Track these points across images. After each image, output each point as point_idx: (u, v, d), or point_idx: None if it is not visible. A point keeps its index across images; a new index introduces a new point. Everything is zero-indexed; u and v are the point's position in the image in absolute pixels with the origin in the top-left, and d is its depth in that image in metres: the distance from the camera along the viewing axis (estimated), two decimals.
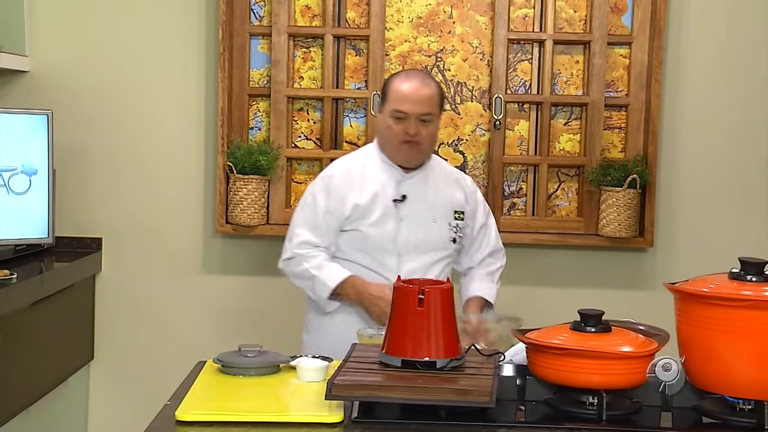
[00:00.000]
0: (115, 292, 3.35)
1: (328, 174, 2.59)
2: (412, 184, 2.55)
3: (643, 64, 3.30)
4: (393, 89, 2.50)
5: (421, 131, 2.48)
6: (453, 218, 2.58)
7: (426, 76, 2.59)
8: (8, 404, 2.66)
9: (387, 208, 2.51)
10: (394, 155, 2.53)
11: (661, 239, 3.33)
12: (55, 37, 3.27)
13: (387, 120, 2.50)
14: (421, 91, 2.48)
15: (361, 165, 2.57)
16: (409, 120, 2.47)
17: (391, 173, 2.54)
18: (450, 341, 1.80)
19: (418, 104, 2.47)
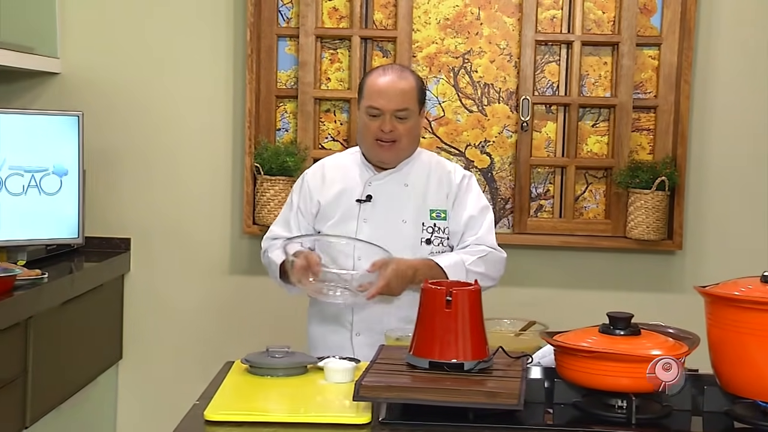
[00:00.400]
0: (143, 292, 3.38)
1: (305, 172, 2.54)
2: (382, 183, 2.42)
3: (673, 66, 3.27)
4: (368, 84, 2.38)
5: (397, 128, 2.35)
6: (429, 218, 2.41)
7: (403, 70, 2.43)
8: (40, 402, 2.70)
9: (349, 208, 2.41)
10: (369, 154, 2.42)
11: (690, 242, 3.30)
12: (86, 39, 3.31)
13: (363, 117, 2.39)
14: (397, 85, 2.34)
15: (340, 164, 2.49)
16: (384, 117, 2.34)
17: (363, 173, 2.44)
18: (478, 343, 1.79)
19: (394, 99, 2.33)
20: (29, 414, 2.63)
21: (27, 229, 2.86)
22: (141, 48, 3.32)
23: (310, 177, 2.49)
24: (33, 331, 2.63)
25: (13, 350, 2.56)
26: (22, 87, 3.31)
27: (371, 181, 2.43)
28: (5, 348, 2.50)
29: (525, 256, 3.33)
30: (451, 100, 3.34)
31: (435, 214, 2.42)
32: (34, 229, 2.88)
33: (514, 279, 3.30)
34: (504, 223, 3.37)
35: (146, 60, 3.32)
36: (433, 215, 2.42)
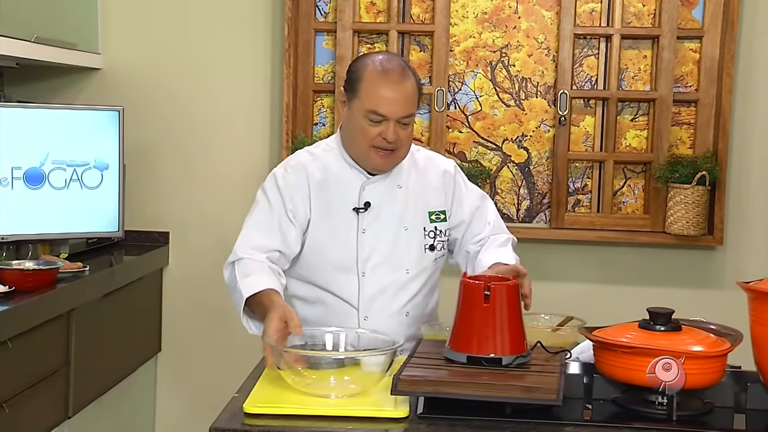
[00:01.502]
0: (181, 286, 3.42)
1: (282, 171, 2.19)
2: (378, 188, 2.17)
3: (714, 59, 3.22)
4: (369, 83, 2.07)
5: (399, 135, 2.08)
6: (429, 221, 2.21)
7: (404, 66, 2.12)
8: (83, 392, 2.74)
9: (346, 218, 2.14)
10: (363, 160, 2.14)
11: (731, 237, 3.25)
12: (127, 35, 3.35)
13: (359, 120, 2.08)
14: (402, 89, 2.06)
15: (320, 163, 2.18)
16: (388, 124, 2.07)
17: (353, 176, 2.16)
18: (516, 338, 1.79)
19: (401, 105, 2.06)
20: (72, 404, 2.68)
21: (69, 223, 2.90)
22: (180, 44, 3.35)
23: (294, 180, 2.15)
24: (75, 322, 2.67)
25: (57, 342, 2.60)
26: (64, 83, 3.36)
27: (365, 186, 2.16)
28: (49, 339, 2.55)
29: (562, 251, 3.31)
30: (489, 94, 3.33)
31: (435, 216, 2.22)
32: (75, 223, 2.92)
33: (551, 274, 3.29)
34: (541, 218, 3.35)
35: (185, 56, 3.35)
36: (432, 218, 2.21)
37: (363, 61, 2.13)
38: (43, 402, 2.52)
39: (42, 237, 2.84)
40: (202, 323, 3.42)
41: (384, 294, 2.17)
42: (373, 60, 2.11)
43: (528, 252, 3.31)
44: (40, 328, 2.46)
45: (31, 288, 2.46)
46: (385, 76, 2.07)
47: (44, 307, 2.47)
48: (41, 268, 2.55)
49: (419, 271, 2.20)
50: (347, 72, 2.16)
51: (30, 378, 2.44)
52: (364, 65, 2.11)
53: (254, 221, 2.18)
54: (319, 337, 1.96)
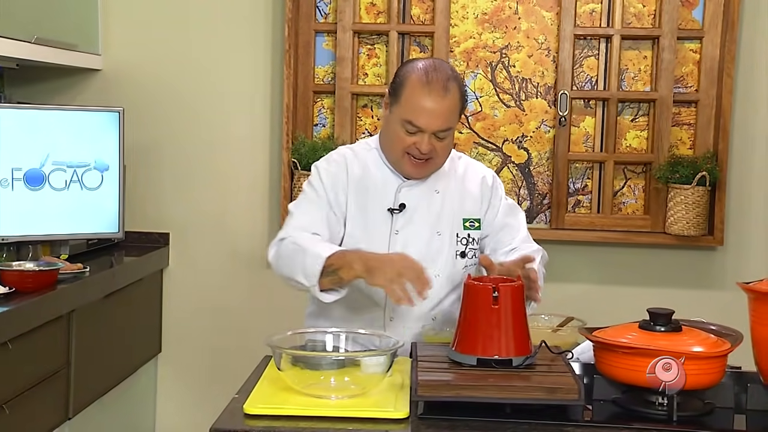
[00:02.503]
0: (181, 287, 3.42)
1: (324, 164, 2.20)
2: (414, 191, 2.18)
3: (715, 59, 3.22)
4: (410, 91, 2.06)
5: (434, 146, 2.09)
6: (462, 228, 2.21)
7: (449, 79, 2.08)
8: (83, 393, 2.74)
9: (381, 218, 2.15)
10: (396, 165, 2.16)
11: (732, 238, 3.25)
12: (127, 36, 3.35)
13: (396, 126, 2.09)
14: (443, 103, 2.05)
15: (360, 161, 2.19)
16: (423, 136, 2.07)
17: (391, 177, 2.18)
18: (522, 339, 1.79)
19: (438, 120, 2.05)
20: (72, 405, 2.68)
21: (69, 224, 2.90)
22: (180, 44, 3.35)
23: (336, 172, 2.16)
24: (75, 323, 2.67)
25: (57, 343, 2.60)
26: (64, 84, 3.36)
27: (401, 188, 2.18)
28: (49, 340, 2.55)
29: (562, 251, 3.31)
30: (489, 95, 3.33)
31: (469, 223, 2.22)
32: (75, 224, 2.93)
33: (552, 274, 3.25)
34: (541, 218, 3.35)
35: (185, 56, 3.35)
36: (466, 224, 2.21)
37: (410, 67, 2.12)
38: (43, 403, 2.52)
39: (42, 238, 2.84)
40: (203, 324, 3.42)
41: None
42: (419, 67, 2.09)
43: None
44: (41, 329, 2.46)
45: (32, 289, 2.47)
46: (427, 87, 2.06)
47: (44, 308, 2.47)
48: (42, 269, 2.55)
49: (448, 277, 2.19)
50: (395, 74, 2.16)
51: (30, 379, 2.44)
52: (410, 71, 2.10)
53: (300, 208, 2.16)
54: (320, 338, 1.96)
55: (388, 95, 2.15)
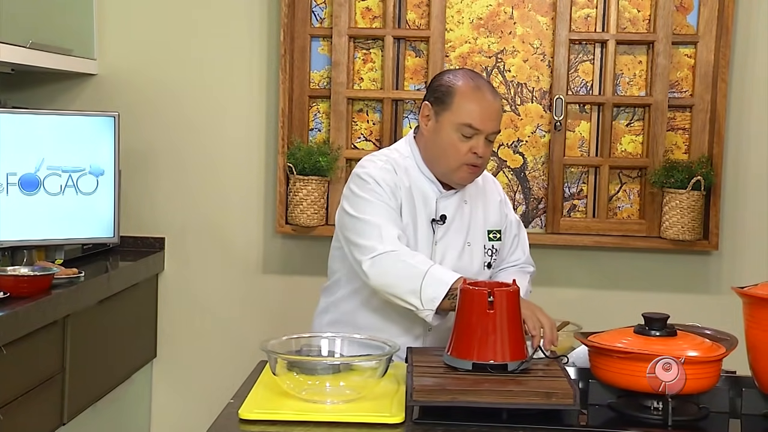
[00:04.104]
0: (177, 291, 3.41)
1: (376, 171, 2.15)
2: (450, 202, 2.22)
3: (709, 64, 3.23)
4: (463, 97, 2.12)
5: (486, 152, 2.16)
6: (488, 239, 2.26)
7: (490, 84, 2.22)
8: (78, 399, 2.73)
9: (424, 228, 2.18)
10: (448, 175, 2.17)
11: (727, 242, 3.26)
12: (122, 41, 3.35)
13: (450, 134, 2.12)
14: (494, 105, 2.14)
15: (402, 169, 2.19)
16: (479, 138, 2.12)
17: (430, 188, 2.20)
18: (517, 343, 1.79)
19: (493, 120, 2.14)
20: (67, 410, 2.67)
21: (64, 229, 2.90)
22: (176, 49, 3.35)
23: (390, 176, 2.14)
24: (70, 329, 2.67)
25: (52, 348, 2.59)
26: (59, 88, 3.36)
27: (440, 199, 2.21)
28: (44, 346, 2.54)
29: (558, 256, 3.31)
30: None
31: (492, 234, 2.26)
32: (70, 229, 2.92)
33: (547, 279, 3.29)
34: (537, 223, 3.35)
35: (181, 61, 3.35)
36: (490, 236, 2.26)
37: (451, 75, 2.19)
38: (38, 408, 2.51)
39: (37, 243, 2.84)
40: (198, 329, 3.41)
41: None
42: (461, 74, 2.18)
43: None
44: (35, 334, 2.45)
45: (26, 294, 2.46)
46: (479, 91, 2.14)
47: (39, 313, 2.46)
48: (36, 274, 2.54)
49: None
50: (433, 86, 2.20)
51: (25, 384, 2.44)
52: (455, 79, 2.16)
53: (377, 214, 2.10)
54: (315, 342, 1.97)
55: (431, 106, 2.17)
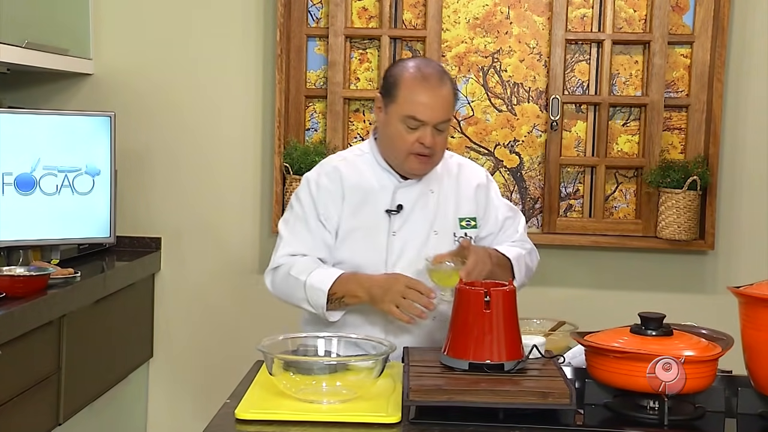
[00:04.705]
0: (173, 291, 3.41)
1: (315, 175, 2.21)
2: (410, 192, 2.19)
3: (705, 64, 3.24)
4: (406, 88, 2.10)
5: (435, 141, 2.11)
6: (459, 227, 2.22)
7: (442, 72, 2.15)
8: (74, 399, 2.73)
9: (378, 220, 2.16)
10: (400, 166, 2.17)
11: (723, 242, 3.26)
12: (119, 41, 3.34)
13: (396, 125, 2.11)
14: (440, 94, 2.10)
15: (353, 166, 2.21)
16: (426, 129, 2.10)
17: (386, 180, 2.19)
18: (514, 343, 1.79)
19: (438, 111, 2.09)
20: (63, 411, 2.66)
21: (60, 229, 2.90)
22: (172, 49, 3.35)
23: (328, 184, 2.18)
24: (66, 329, 2.66)
25: (47, 348, 2.59)
26: (56, 88, 3.35)
27: (398, 189, 2.20)
28: (40, 346, 2.54)
29: (554, 256, 3.31)
30: (481, 99, 3.33)
31: (465, 222, 2.23)
32: (67, 229, 2.92)
33: (544, 279, 3.29)
34: (533, 222, 3.35)
35: (177, 61, 3.35)
36: (463, 224, 2.23)
37: (400, 66, 2.16)
38: (34, 408, 2.51)
39: (33, 243, 2.83)
40: (195, 329, 3.41)
41: None
42: (410, 65, 2.14)
43: None
44: (31, 334, 2.45)
45: (22, 294, 2.46)
46: (424, 82, 2.10)
47: (35, 313, 2.46)
48: (32, 274, 2.54)
49: None
50: (384, 77, 2.20)
51: (21, 384, 2.43)
52: (402, 70, 2.14)
53: (290, 229, 2.21)
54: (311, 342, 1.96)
55: (381, 98, 2.17)
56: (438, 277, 2.06)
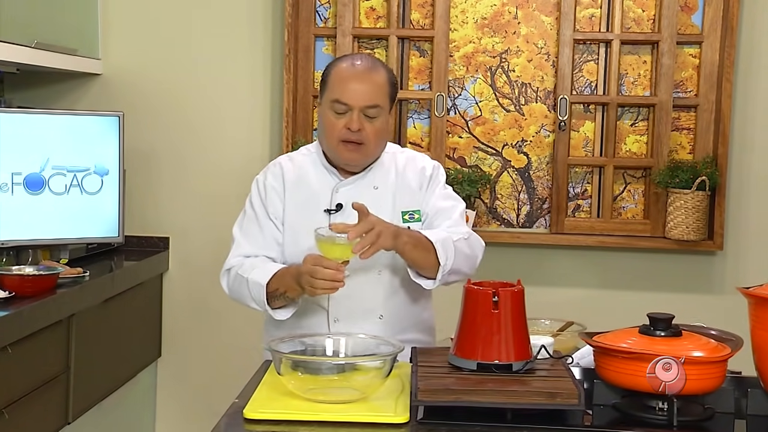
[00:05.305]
0: (181, 291, 3.42)
1: (262, 176, 2.24)
2: (351, 190, 2.16)
3: (714, 64, 3.23)
4: (334, 74, 2.11)
5: (365, 128, 2.08)
6: (402, 221, 2.16)
7: (375, 61, 2.16)
8: (83, 398, 2.74)
9: (317, 219, 2.12)
10: (333, 156, 2.15)
11: (731, 242, 3.25)
12: (127, 41, 3.35)
13: (326, 113, 2.11)
14: (367, 78, 2.08)
15: (297, 165, 2.21)
16: (352, 114, 2.08)
17: (326, 178, 2.18)
18: (522, 343, 1.79)
19: (364, 95, 2.07)
20: (72, 410, 2.67)
21: (69, 228, 2.90)
22: (180, 49, 3.35)
23: (272, 181, 2.19)
24: (75, 328, 2.67)
25: (56, 347, 2.60)
26: (64, 88, 3.36)
27: (338, 188, 2.17)
28: (49, 345, 2.55)
29: (562, 256, 3.31)
30: (488, 99, 3.33)
31: (408, 215, 2.18)
32: (75, 228, 2.93)
33: (551, 279, 3.30)
34: (541, 223, 3.35)
35: (185, 61, 3.36)
36: (406, 218, 2.18)
37: (334, 60, 2.21)
38: (43, 407, 2.52)
39: (42, 242, 2.84)
40: (203, 328, 3.41)
41: (354, 295, 2.11)
42: (343, 57, 2.19)
43: (528, 257, 3.32)
44: (40, 333, 2.46)
45: (31, 293, 2.46)
46: (351, 68, 2.11)
47: (44, 312, 2.47)
48: (41, 274, 2.55)
49: (394, 273, 2.16)
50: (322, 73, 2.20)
51: (30, 383, 2.44)
52: (336, 61, 2.18)
53: (242, 231, 2.23)
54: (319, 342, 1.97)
55: (319, 92, 2.17)
56: (323, 248, 1.97)
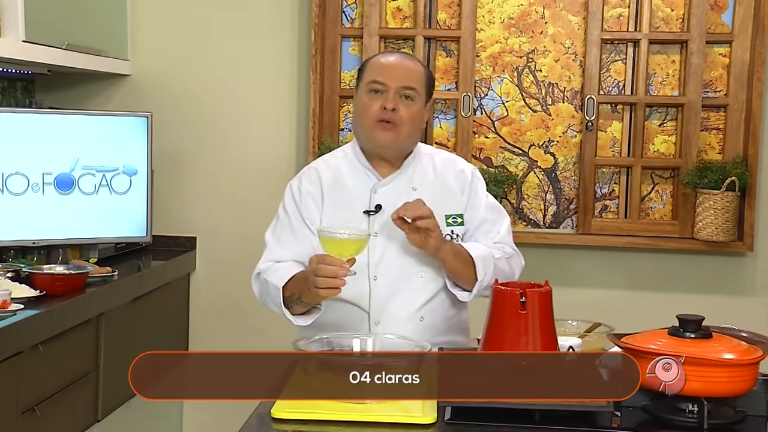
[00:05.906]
0: (208, 290, 3.44)
1: (296, 181, 2.22)
2: (389, 190, 2.15)
3: (744, 63, 3.20)
4: (371, 62, 2.18)
5: (401, 110, 2.10)
6: (446, 225, 2.15)
7: (412, 56, 2.29)
8: (112, 396, 2.76)
9: (358, 221, 2.11)
10: (367, 138, 2.14)
11: (762, 243, 3.22)
12: (155, 42, 3.38)
13: (362, 97, 2.14)
14: (404, 63, 2.15)
15: (334, 168, 2.20)
16: (388, 94, 2.10)
17: (365, 179, 2.17)
18: (550, 344, 1.78)
19: (400, 76, 2.11)
20: (101, 407, 2.70)
21: (98, 228, 2.93)
22: (208, 50, 3.38)
23: (308, 186, 2.18)
24: (104, 326, 2.70)
25: (86, 345, 2.63)
26: (94, 89, 3.40)
27: (376, 188, 2.16)
28: (78, 343, 2.57)
29: (589, 257, 3.29)
30: (515, 99, 3.32)
31: (452, 219, 2.17)
32: (104, 228, 2.95)
33: (579, 280, 3.28)
34: (568, 223, 3.33)
35: (213, 62, 3.38)
36: (449, 221, 2.16)
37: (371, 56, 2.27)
38: (73, 405, 2.54)
39: (72, 242, 2.87)
40: (230, 327, 3.43)
41: (395, 298, 2.12)
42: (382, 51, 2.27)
43: (555, 258, 3.31)
44: (70, 332, 2.49)
45: (61, 292, 2.49)
46: (387, 54, 2.23)
47: (74, 311, 2.50)
48: (71, 273, 2.58)
49: (434, 275, 2.15)
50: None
51: (60, 381, 2.47)
52: (372, 56, 2.25)
53: (275, 236, 2.22)
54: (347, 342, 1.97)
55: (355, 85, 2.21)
56: (325, 245, 1.95)
